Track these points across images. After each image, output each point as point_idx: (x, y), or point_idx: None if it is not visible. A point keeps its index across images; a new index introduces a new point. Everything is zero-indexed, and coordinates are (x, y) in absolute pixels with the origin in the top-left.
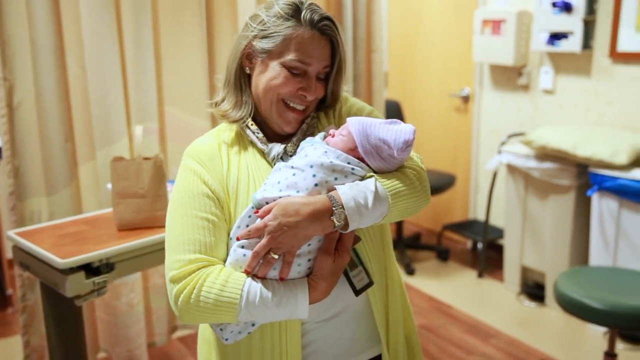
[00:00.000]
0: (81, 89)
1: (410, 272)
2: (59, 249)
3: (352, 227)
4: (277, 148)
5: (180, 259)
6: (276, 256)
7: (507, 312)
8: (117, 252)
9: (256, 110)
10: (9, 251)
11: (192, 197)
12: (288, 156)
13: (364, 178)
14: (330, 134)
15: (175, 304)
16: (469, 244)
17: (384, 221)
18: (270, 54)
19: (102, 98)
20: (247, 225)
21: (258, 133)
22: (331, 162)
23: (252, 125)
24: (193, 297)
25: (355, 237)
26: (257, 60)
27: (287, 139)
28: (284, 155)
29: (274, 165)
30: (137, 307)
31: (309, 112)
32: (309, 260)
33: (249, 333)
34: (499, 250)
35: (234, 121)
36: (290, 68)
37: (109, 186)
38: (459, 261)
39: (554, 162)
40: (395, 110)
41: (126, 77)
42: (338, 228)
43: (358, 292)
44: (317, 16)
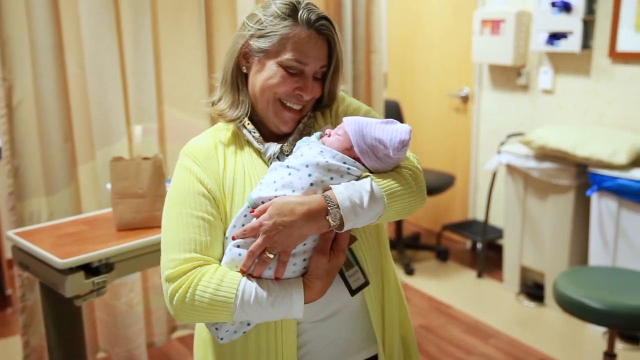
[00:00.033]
0: (80, 89)
1: (410, 272)
2: (59, 249)
3: (347, 226)
4: (274, 147)
5: (175, 258)
6: (271, 256)
7: (506, 312)
8: (117, 252)
9: (253, 109)
10: (9, 251)
11: (188, 196)
12: (284, 156)
13: (359, 178)
14: (326, 134)
15: (171, 302)
16: (468, 244)
17: (379, 221)
18: (267, 54)
19: (101, 98)
20: (243, 225)
21: (254, 132)
22: (327, 162)
23: (248, 125)
24: (188, 296)
25: (351, 237)
26: (254, 60)
27: (284, 139)
28: (280, 155)
29: (270, 164)
30: (137, 307)
31: (305, 112)
32: (305, 260)
33: (244, 332)
34: (499, 250)
35: (230, 120)
36: (287, 67)
37: (108, 186)
38: (458, 261)
39: (554, 162)
40: (394, 111)
41: (125, 77)
42: (333, 228)
43: (354, 292)
44: (314, 16)
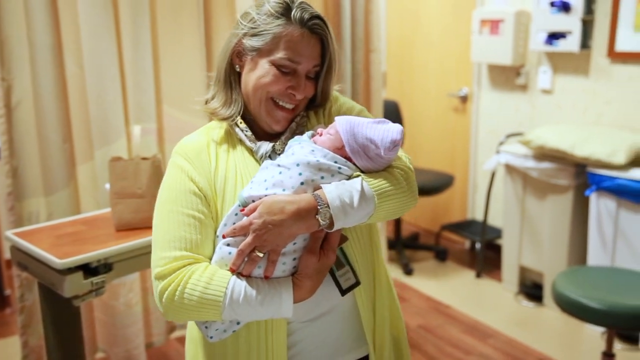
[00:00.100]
0: (79, 89)
1: (409, 272)
2: (57, 249)
3: (337, 226)
4: (266, 146)
5: (165, 256)
6: (261, 254)
7: (505, 312)
8: (115, 252)
9: (246, 108)
10: (7, 251)
11: (179, 194)
12: (276, 154)
13: (350, 177)
14: (318, 133)
15: (160, 300)
16: (467, 244)
17: (370, 221)
18: (260, 52)
19: (100, 98)
20: (234, 223)
21: (247, 131)
22: (318, 161)
23: (241, 124)
24: (177, 294)
25: (342, 236)
26: (247, 58)
27: (276, 138)
28: (272, 154)
29: (262, 163)
30: (135, 307)
31: (298, 111)
32: (294, 259)
33: (234, 331)
34: (497, 250)
35: (223, 119)
36: (279, 66)
37: (107, 186)
38: (457, 261)
39: (552, 162)
40: (393, 111)
41: (124, 77)
42: (323, 227)
43: (344, 292)
44: (307, 15)
